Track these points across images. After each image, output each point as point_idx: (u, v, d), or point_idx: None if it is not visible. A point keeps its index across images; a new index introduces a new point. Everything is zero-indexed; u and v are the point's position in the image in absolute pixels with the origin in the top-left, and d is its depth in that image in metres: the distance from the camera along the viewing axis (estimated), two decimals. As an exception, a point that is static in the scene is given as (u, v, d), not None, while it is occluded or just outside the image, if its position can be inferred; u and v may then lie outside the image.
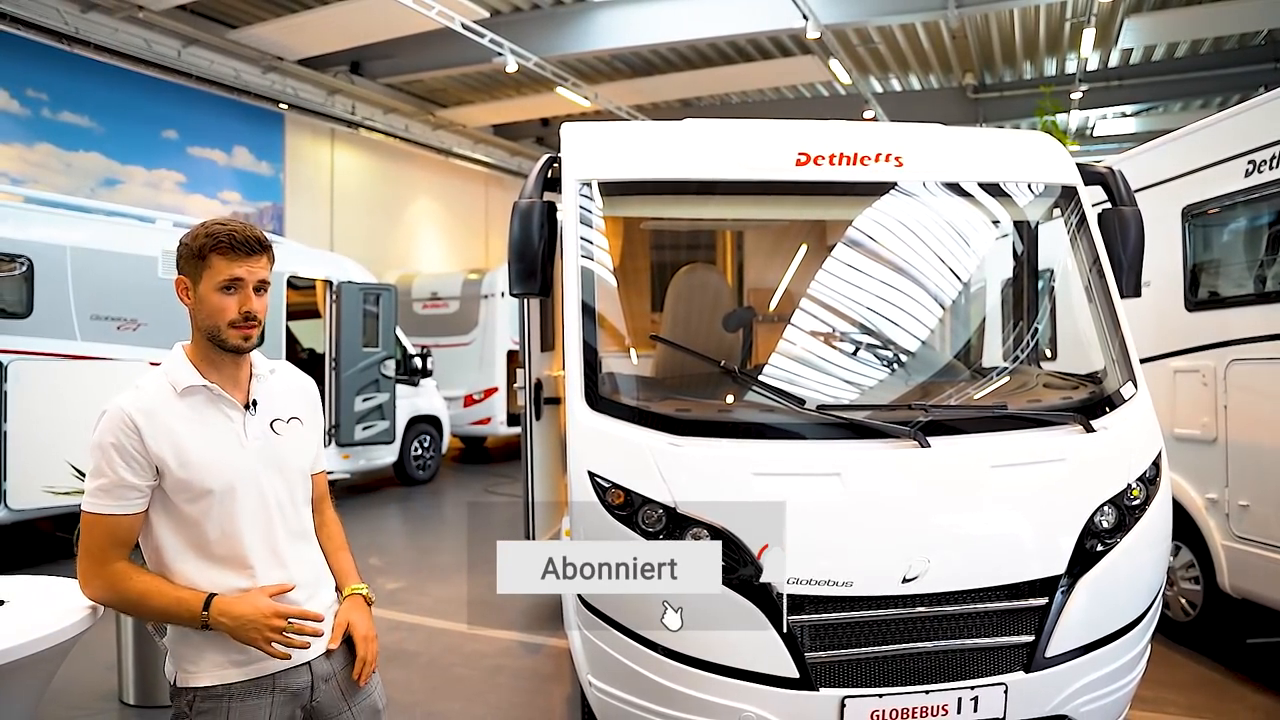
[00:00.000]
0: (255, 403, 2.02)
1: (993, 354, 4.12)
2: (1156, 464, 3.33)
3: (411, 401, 11.72)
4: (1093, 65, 14.44)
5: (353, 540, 2.33)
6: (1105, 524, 3.13)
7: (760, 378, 3.58)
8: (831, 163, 3.59)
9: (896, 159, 3.64)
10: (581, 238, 3.47)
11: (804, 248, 4.38)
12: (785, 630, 2.86)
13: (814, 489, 2.98)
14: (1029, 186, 3.81)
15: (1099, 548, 3.09)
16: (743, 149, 3.68)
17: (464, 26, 11.25)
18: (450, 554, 8.30)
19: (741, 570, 2.89)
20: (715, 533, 2.92)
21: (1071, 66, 14.47)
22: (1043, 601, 3.00)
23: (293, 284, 10.32)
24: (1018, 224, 4.01)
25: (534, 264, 3.53)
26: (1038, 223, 3.99)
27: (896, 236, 3.80)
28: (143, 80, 11.71)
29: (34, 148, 10.71)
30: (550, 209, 3.58)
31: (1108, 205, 3.81)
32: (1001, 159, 3.85)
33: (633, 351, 3.86)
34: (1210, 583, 4.81)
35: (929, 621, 2.95)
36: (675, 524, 2.95)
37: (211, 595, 1.88)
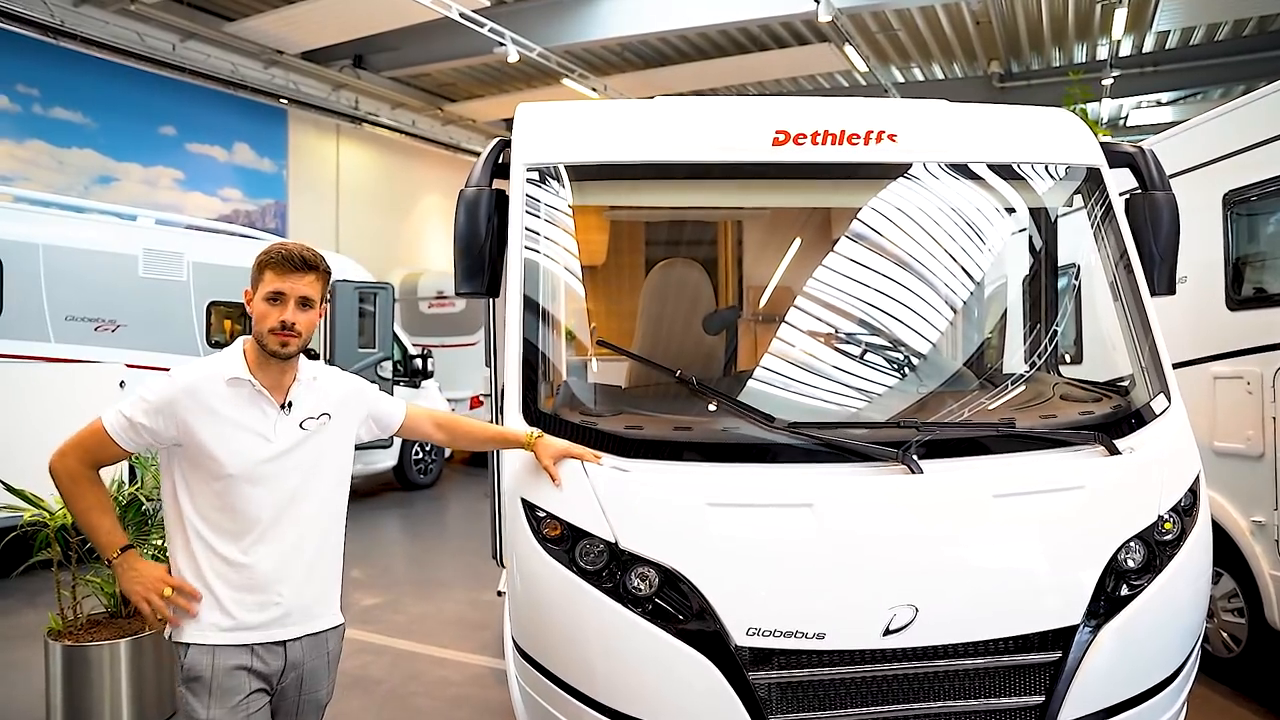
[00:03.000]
0: (290, 404, 2.22)
1: (1003, 361, 3.63)
2: (1194, 490, 2.85)
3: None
4: (1126, 50, 13.73)
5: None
6: (1132, 563, 2.66)
7: (724, 389, 3.14)
8: (814, 142, 3.14)
9: (890, 137, 3.18)
10: (527, 228, 3.05)
11: (788, 239, 3.92)
12: (746, 689, 2.42)
13: (779, 522, 2.53)
14: (1045, 168, 3.32)
15: (1124, 591, 2.62)
16: (714, 128, 3.24)
17: (462, 15, 10.87)
18: (436, 566, 7.93)
19: (693, 618, 2.46)
20: (664, 573, 2.50)
21: (1104, 52, 13.78)
22: (1055, 656, 2.54)
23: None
24: (1032, 211, 3.52)
25: (481, 260, 3.15)
26: (1056, 210, 3.50)
27: (891, 226, 3.33)
28: (138, 75, 11.45)
29: (25, 144, 10.48)
30: (500, 198, 3.17)
31: (1137, 191, 3.32)
32: (1013, 137, 3.37)
33: (594, 359, 3.43)
34: (1256, 616, 4.28)
35: (917, 680, 2.50)
36: (617, 562, 2.53)
37: (130, 546, 2.21)
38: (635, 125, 3.30)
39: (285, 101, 13.67)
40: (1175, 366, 4.72)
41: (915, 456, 2.60)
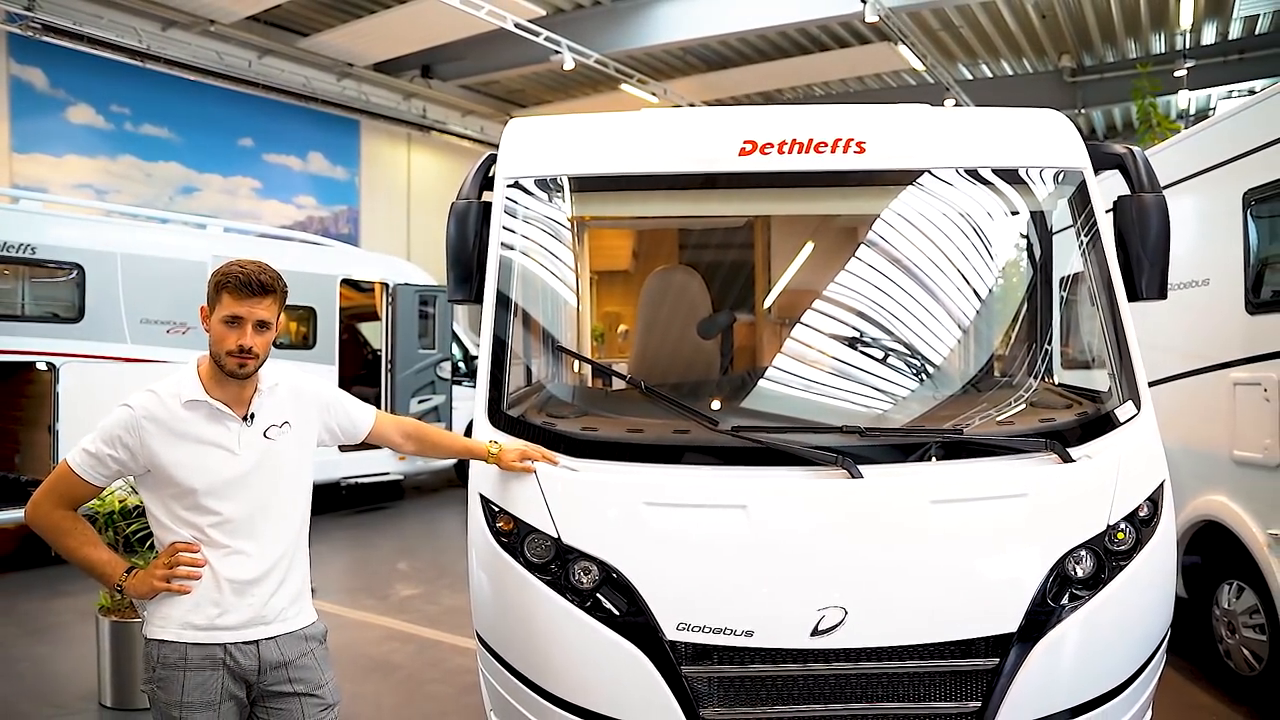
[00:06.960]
0: (253, 415, 2.29)
1: (980, 367, 3.60)
2: (1155, 500, 2.80)
3: (474, 403, 11.70)
4: (1210, 38, 13.09)
5: (390, 542, 2.47)
6: (1079, 572, 2.65)
7: (720, 392, 3.23)
8: (781, 151, 3.20)
9: (858, 145, 3.20)
10: (504, 227, 3.23)
11: (762, 248, 3.97)
12: (678, 682, 2.52)
13: (713, 522, 2.63)
14: (1022, 172, 3.29)
15: (1066, 600, 2.60)
16: (685, 139, 3.34)
17: (517, 25, 11.17)
18: (481, 560, 8.17)
19: (628, 612, 2.58)
20: (602, 568, 2.62)
21: (1184, 42, 13.16)
22: (992, 663, 2.55)
23: (359, 286, 10.50)
24: (1010, 215, 3.48)
25: (470, 269, 3.33)
26: (1034, 212, 3.46)
27: (860, 234, 3.36)
28: (218, 92, 12.21)
29: (117, 159, 11.32)
30: (487, 210, 3.35)
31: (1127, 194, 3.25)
32: (988, 141, 3.35)
33: (576, 364, 3.58)
34: (1277, 633, 4.11)
35: (848, 682, 2.56)
36: (561, 556, 2.66)
37: (133, 566, 2.26)
38: (613, 138, 3.41)
39: (355, 112, 14.28)
40: (1194, 373, 4.62)
41: (855, 461, 2.64)
